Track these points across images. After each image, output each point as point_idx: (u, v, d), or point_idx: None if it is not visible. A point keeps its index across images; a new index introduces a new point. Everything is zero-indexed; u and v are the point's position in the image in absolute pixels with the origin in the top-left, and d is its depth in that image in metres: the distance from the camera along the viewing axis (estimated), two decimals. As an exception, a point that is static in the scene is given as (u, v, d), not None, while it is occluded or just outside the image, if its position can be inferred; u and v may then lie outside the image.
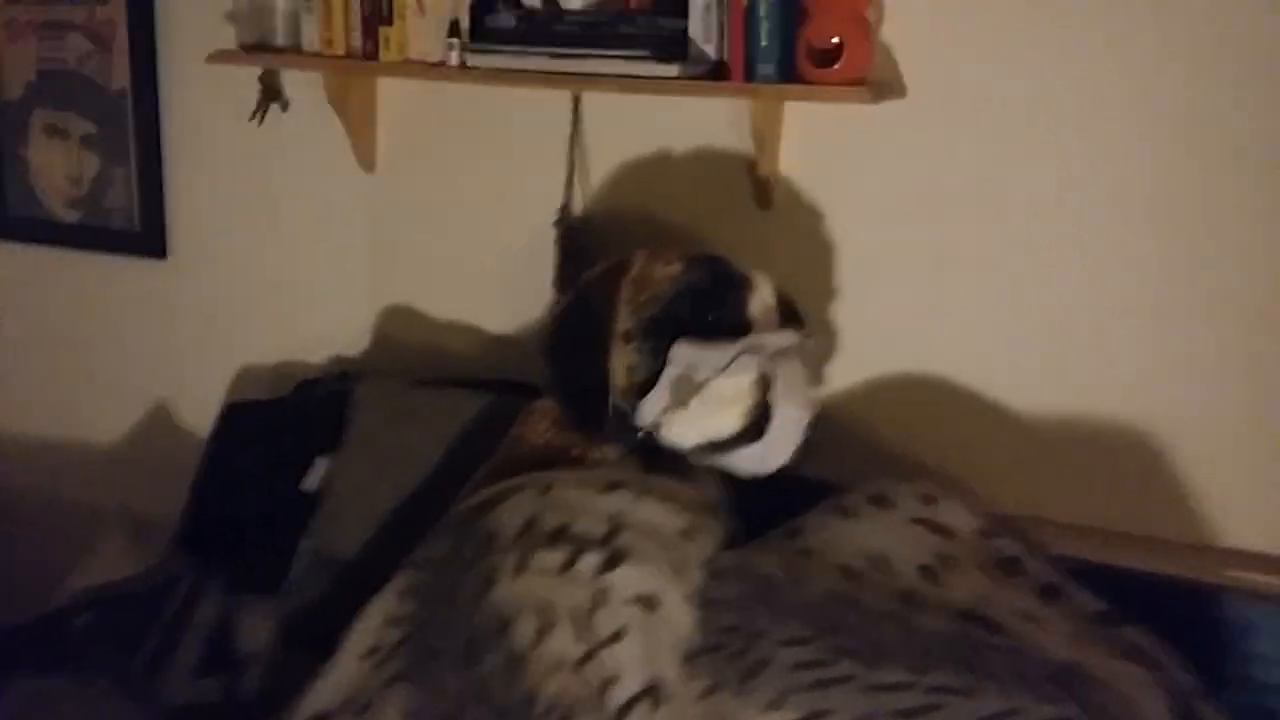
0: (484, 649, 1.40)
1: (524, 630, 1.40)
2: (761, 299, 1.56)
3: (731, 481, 1.63)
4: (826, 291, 1.87)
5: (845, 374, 1.87)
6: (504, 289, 2.11)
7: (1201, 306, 1.68)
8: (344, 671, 1.49)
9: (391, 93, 2.14)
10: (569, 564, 1.45)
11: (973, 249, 1.79)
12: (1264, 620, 1.51)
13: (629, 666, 1.39)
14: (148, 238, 2.40)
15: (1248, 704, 1.47)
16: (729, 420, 1.49)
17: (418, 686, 1.41)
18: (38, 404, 2.64)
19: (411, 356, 2.20)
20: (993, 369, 1.81)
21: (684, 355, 1.50)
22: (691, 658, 1.41)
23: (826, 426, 1.66)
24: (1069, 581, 1.44)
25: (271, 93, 2.21)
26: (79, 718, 1.72)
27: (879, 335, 1.86)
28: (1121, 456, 1.73)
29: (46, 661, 1.78)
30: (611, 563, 1.44)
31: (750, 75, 1.75)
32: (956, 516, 1.48)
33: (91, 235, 2.45)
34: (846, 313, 1.88)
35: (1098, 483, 1.75)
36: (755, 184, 1.87)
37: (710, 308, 1.54)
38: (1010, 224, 1.77)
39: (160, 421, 2.52)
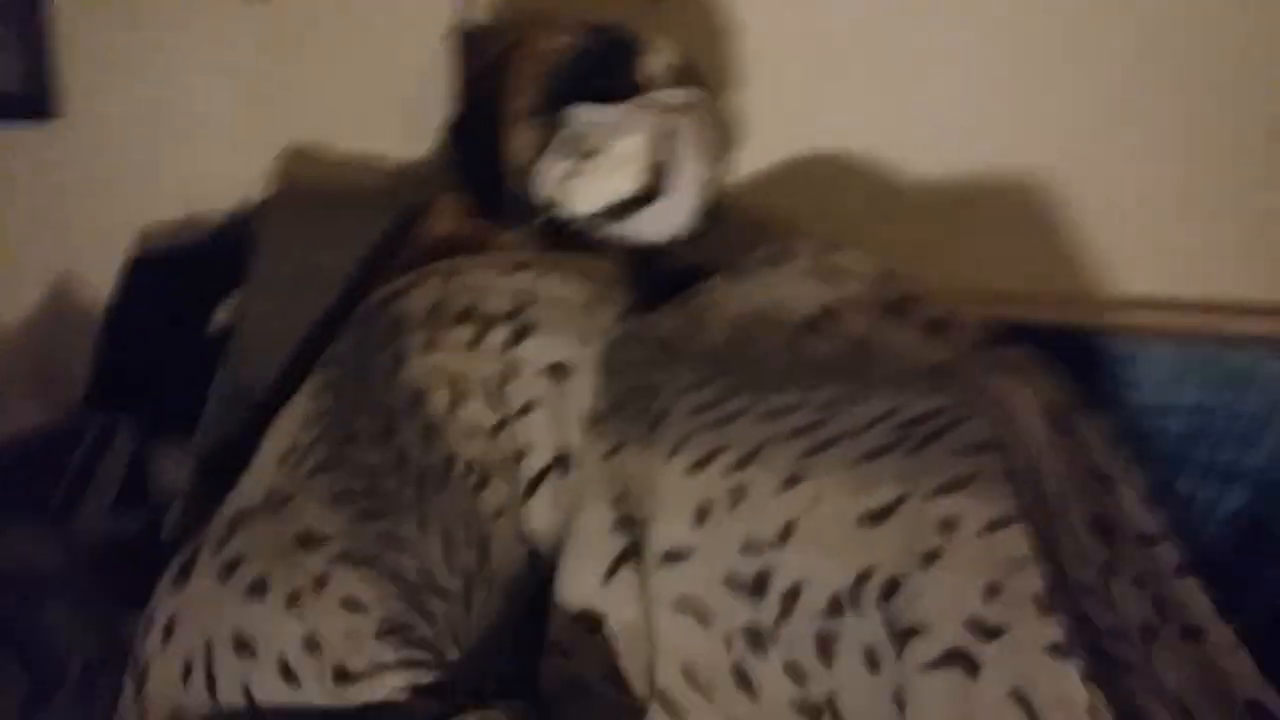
0: (399, 422, 1.42)
1: (438, 401, 1.42)
2: (663, 60, 1.55)
3: (635, 260, 1.65)
4: (726, 77, 1.87)
5: (747, 162, 1.88)
6: (405, 114, 2.09)
7: (1091, 54, 1.74)
8: (262, 473, 1.49)
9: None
10: (477, 339, 1.46)
11: (868, 22, 1.84)
12: (1139, 349, 1.63)
13: (539, 438, 1.43)
14: (34, 99, 2.33)
15: (1124, 422, 1.55)
16: (625, 180, 1.49)
17: (338, 470, 1.42)
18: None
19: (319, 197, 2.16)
20: (893, 140, 1.85)
21: (576, 117, 1.50)
22: (596, 422, 1.45)
23: (728, 215, 1.67)
24: (957, 316, 1.49)
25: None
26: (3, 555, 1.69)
27: (780, 119, 1.88)
28: (1015, 218, 1.79)
29: (-44, 510, 1.74)
30: (519, 336, 1.46)
31: None
32: (853, 261, 1.51)
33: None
34: (747, 99, 1.88)
35: (994, 245, 1.81)
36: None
37: (606, 72, 1.53)
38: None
39: (65, 293, 2.46)
